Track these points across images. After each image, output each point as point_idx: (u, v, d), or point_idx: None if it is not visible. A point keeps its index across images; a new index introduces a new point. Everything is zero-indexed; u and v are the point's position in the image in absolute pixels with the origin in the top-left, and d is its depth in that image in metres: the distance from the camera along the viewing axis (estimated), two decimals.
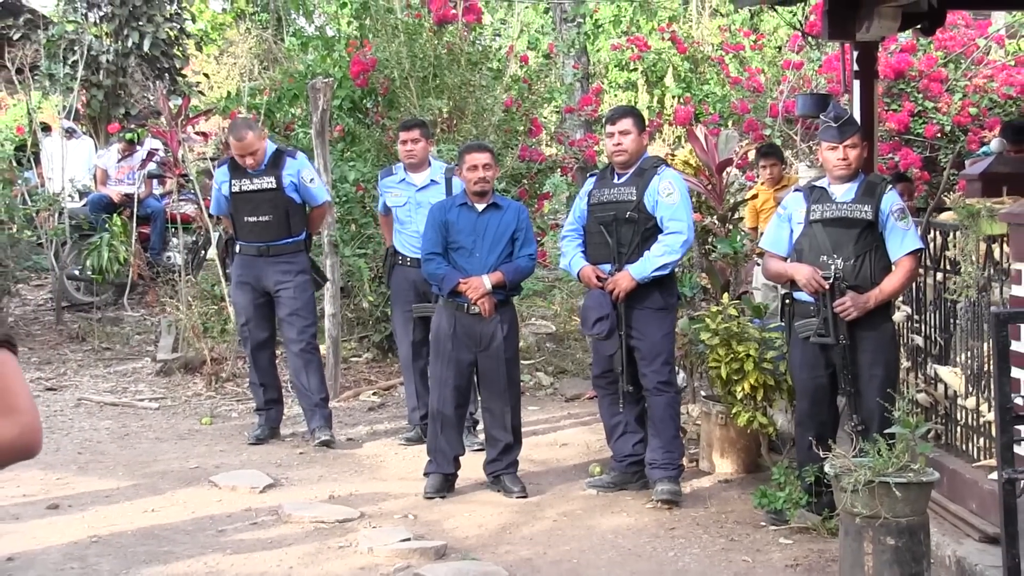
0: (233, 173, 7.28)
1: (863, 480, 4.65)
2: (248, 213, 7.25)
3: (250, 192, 7.24)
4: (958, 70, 10.79)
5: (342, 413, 8.17)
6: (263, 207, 7.22)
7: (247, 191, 7.24)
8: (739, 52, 11.75)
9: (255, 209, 7.23)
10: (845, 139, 5.57)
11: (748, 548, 5.52)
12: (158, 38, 13.44)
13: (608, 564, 5.31)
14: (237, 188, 7.25)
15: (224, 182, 7.33)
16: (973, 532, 5.25)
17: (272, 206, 7.23)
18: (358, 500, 6.22)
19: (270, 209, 7.22)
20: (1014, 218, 5.22)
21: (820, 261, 5.58)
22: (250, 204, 7.24)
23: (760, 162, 8.61)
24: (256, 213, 7.23)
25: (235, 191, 7.26)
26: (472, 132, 9.44)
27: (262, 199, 7.23)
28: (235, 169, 7.28)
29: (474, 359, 6.34)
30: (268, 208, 7.22)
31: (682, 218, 6.12)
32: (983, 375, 5.49)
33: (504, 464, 6.39)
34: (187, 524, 5.77)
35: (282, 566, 5.24)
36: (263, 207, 7.22)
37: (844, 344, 5.54)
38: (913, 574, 4.66)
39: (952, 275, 5.85)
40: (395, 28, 9.95)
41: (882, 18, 6.36)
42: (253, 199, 7.24)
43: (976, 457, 5.64)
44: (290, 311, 7.31)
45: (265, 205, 7.23)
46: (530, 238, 6.46)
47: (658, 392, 6.18)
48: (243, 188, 7.24)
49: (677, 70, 12.46)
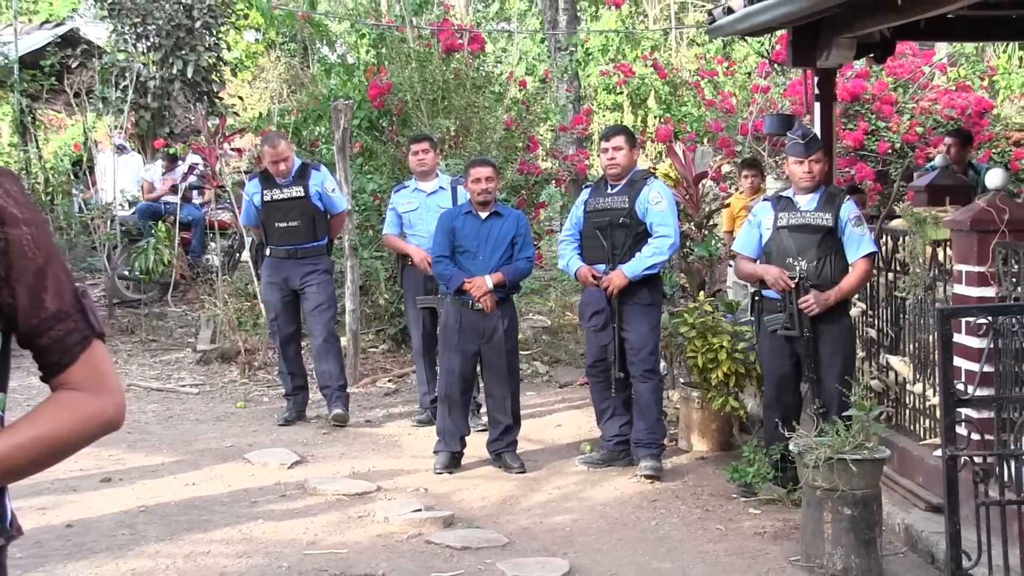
0: (264, 184, 7.29)
1: (823, 457, 4.65)
2: (279, 219, 7.26)
3: (280, 200, 7.25)
4: (906, 94, 10.79)
5: (361, 398, 8.16)
6: (292, 214, 7.24)
7: (278, 200, 7.26)
8: (713, 78, 11.73)
9: (285, 216, 7.24)
10: (810, 154, 5.57)
11: (721, 517, 5.51)
12: (199, 65, 13.42)
13: (597, 532, 5.30)
14: (269, 197, 7.26)
15: (256, 193, 7.33)
16: (920, 502, 5.26)
17: (300, 212, 7.25)
18: (375, 475, 6.22)
19: (298, 216, 7.24)
20: (956, 225, 5.22)
21: (786, 263, 5.58)
22: (280, 211, 7.25)
23: (743, 172, 8.59)
24: (286, 219, 7.24)
25: (267, 200, 7.27)
26: (476, 148, 9.43)
27: (291, 207, 7.24)
28: (266, 181, 7.29)
29: (478, 350, 6.33)
30: (297, 215, 7.24)
31: (669, 223, 6.12)
32: (929, 364, 5.50)
33: (505, 443, 6.38)
34: (224, 496, 5.77)
35: (308, 533, 5.23)
36: (292, 214, 7.24)
37: (807, 336, 5.54)
38: (867, 540, 4.66)
39: (902, 275, 5.86)
40: (408, 56, 9.94)
41: (839, 48, 6.36)
42: (283, 207, 7.25)
43: (923, 436, 5.65)
44: (314, 306, 7.32)
45: (294, 212, 7.24)
46: (528, 242, 6.45)
47: (644, 379, 6.18)
48: (274, 197, 7.26)
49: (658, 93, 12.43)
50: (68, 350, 1.63)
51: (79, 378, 1.63)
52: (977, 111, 10.67)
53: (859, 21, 5.92)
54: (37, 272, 1.61)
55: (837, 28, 6.21)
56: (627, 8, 16.24)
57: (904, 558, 4.93)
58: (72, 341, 1.63)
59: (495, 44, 15.19)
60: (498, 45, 15.18)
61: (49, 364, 1.64)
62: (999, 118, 11.46)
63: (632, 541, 5.17)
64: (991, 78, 14.58)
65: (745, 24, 6.38)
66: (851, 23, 6.02)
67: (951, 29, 7.06)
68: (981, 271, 5.04)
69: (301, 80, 15.37)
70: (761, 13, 6.03)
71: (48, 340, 1.62)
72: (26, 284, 1.60)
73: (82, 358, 1.64)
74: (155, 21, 13.22)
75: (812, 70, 6.87)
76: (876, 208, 8.33)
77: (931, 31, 6.83)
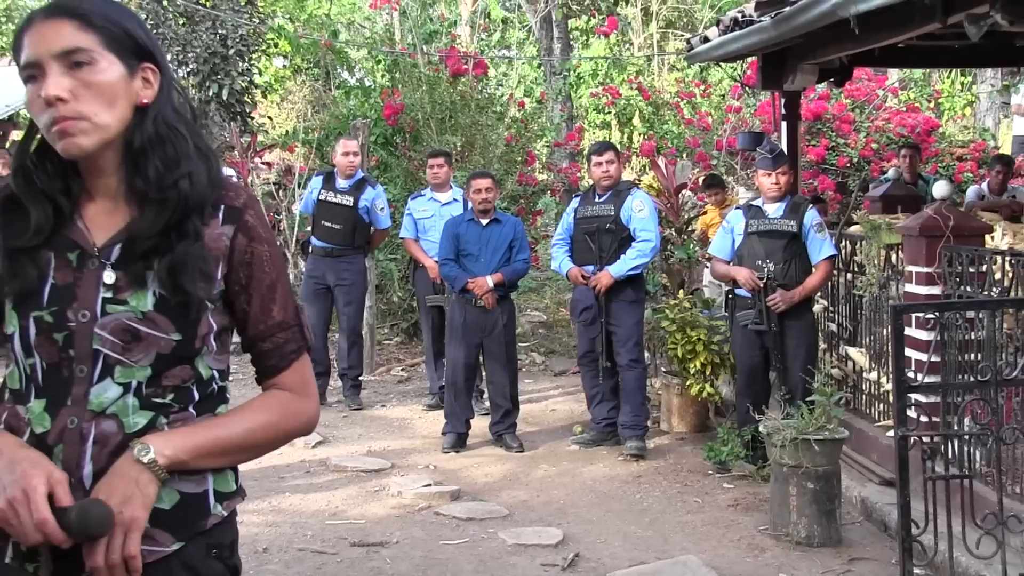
0: (325, 184, 7.33)
1: (789, 437, 4.66)
2: (326, 219, 7.29)
3: (332, 203, 7.28)
4: (863, 114, 10.78)
5: (376, 385, 8.16)
6: (338, 217, 7.26)
7: (331, 202, 7.29)
8: (691, 99, 11.69)
9: (332, 217, 7.27)
10: (777, 168, 5.57)
11: (698, 491, 5.52)
12: (233, 88, 13.43)
13: (588, 504, 5.31)
14: (324, 197, 7.29)
15: (316, 189, 7.37)
16: (874, 477, 5.26)
17: (344, 219, 7.26)
18: (390, 454, 6.22)
19: (342, 220, 7.26)
20: (907, 231, 5.23)
21: (756, 265, 5.58)
22: (330, 212, 7.28)
23: (706, 192, 8.59)
24: (332, 220, 7.27)
25: (322, 199, 7.30)
26: (480, 162, 9.42)
27: (339, 211, 7.27)
28: (327, 181, 7.33)
29: (480, 342, 6.34)
30: (341, 219, 7.26)
31: (650, 229, 6.12)
32: (883, 354, 5.50)
33: (505, 425, 6.38)
34: (255, 472, 5.77)
35: (330, 505, 5.24)
36: (338, 217, 7.26)
37: (774, 330, 5.55)
38: (828, 511, 4.67)
39: (859, 275, 5.86)
40: (419, 80, 9.93)
41: (804, 73, 6.36)
42: (332, 209, 7.28)
43: (877, 419, 5.65)
44: (346, 302, 7.36)
45: (340, 216, 7.26)
46: (525, 246, 6.46)
47: (629, 368, 6.18)
48: (328, 199, 7.29)
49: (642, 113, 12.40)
50: (285, 356, 1.68)
51: (289, 382, 1.69)
52: (925, 130, 10.68)
53: (821, 49, 5.93)
54: (270, 285, 1.65)
55: (801, 55, 6.22)
56: (615, 37, 16.21)
57: (860, 527, 4.93)
58: (289, 349, 1.69)
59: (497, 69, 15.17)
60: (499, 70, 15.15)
61: (267, 367, 1.69)
62: (944, 136, 11.48)
63: (619, 512, 5.18)
64: (937, 100, 14.58)
65: (720, 52, 6.38)
66: (814, 51, 6.03)
67: (902, 57, 7.08)
68: (929, 272, 5.05)
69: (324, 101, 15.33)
70: (734, 42, 6.03)
71: (270, 345, 1.68)
72: (260, 294, 1.65)
73: (295, 365, 1.69)
74: (193, 49, 13.23)
75: (779, 92, 6.87)
76: (836, 216, 8.33)
77: (884, 59, 6.85)
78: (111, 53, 1.56)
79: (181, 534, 1.57)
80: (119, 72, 1.56)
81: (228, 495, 1.65)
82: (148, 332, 1.55)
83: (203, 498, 1.61)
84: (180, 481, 1.57)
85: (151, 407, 1.57)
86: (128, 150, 1.58)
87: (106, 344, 1.54)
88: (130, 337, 1.55)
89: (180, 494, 1.57)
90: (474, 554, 4.56)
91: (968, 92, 16.12)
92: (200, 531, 1.60)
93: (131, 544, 1.48)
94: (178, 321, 1.57)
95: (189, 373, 1.61)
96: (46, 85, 1.52)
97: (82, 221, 1.60)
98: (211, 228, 1.60)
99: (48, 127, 1.54)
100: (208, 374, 1.65)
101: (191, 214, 1.58)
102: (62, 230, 1.59)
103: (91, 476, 1.53)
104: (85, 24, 1.54)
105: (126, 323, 1.55)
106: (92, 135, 1.54)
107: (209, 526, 1.61)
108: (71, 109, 1.52)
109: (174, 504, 1.57)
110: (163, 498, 1.55)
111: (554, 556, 4.52)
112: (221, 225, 1.61)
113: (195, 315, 1.58)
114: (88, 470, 1.53)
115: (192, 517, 1.59)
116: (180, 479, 1.57)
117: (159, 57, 1.62)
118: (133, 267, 1.56)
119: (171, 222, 1.56)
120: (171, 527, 1.56)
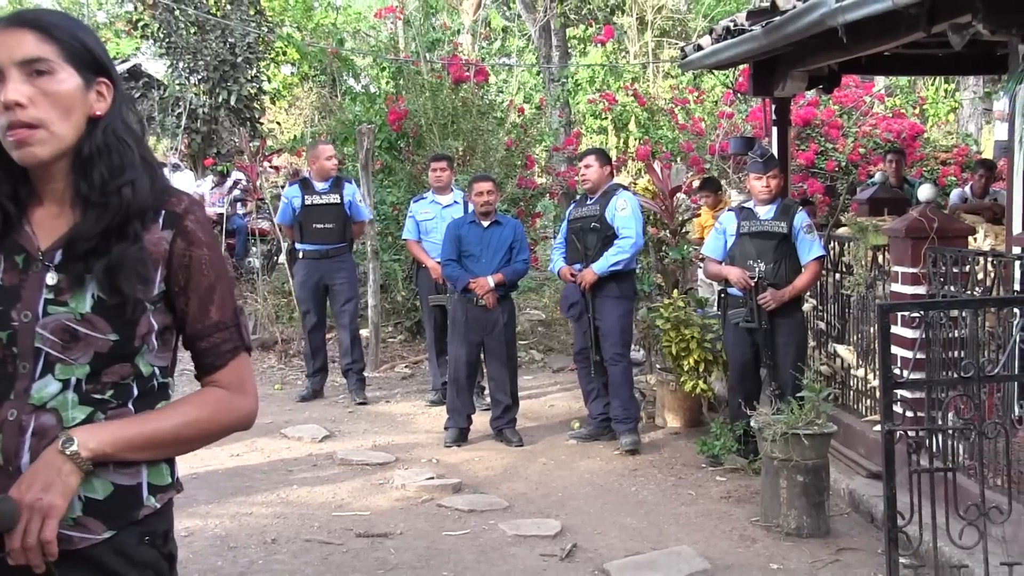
0: (304, 190, 7.36)
1: (780, 432, 4.66)
2: (316, 221, 7.31)
3: (320, 205, 7.31)
4: (850, 120, 10.78)
5: (381, 381, 8.16)
6: (327, 217, 7.29)
7: (318, 204, 7.31)
8: (685, 105, 11.69)
9: (321, 218, 7.29)
10: (768, 171, 5.57)
11: (692, 484, 5.52)
12: (242, 95, 13.42)
13: (585, 497, 5.31)
14: (309, 202, 7.32)
15: (295, 197, 7.39)
16: (861, 470, 5.26)
17: (334, 217, 7.30)
18: (394, 448, 6.22)
19: (333, 219, 7.30)
20: (893, 232, 5.23)
21: (748, 264, 5.58)
22: (319, 214, 7.31)
23: (699, 194, 8.59)
24: (322, 221, 7.30)
25: (306, 204, 7.32)
26: (481, 166, 9.42)
27: (328, 210, 7.30)
28: (305, 187, 7.36)
29: (482, 340, 6.34)
30: (331, 218, 7.30)
31: (631, 226, 6.12)
32: (870, 352, 5.50)
33: (505, 420, 6.38)
34: (264, 465, 5.78)
35: (336, 498, 5.24)
36: (327, 217, 7.29)
37: (765, 328, 5.55)
38: (817, 503, 4.67)
39: (847, 275, 5.87)
40: (422, 86, 9.92)
41: (793, 80, 6.37)
42: (321, 210, 7.31)
43: (864, 414, 5.65)
44: (346, 300, 7.39)
45: (329, 216, 7.29)
46: (524, 247, 6.46)
47: (615, 362, 6.17)
48: (313, 202, 7.31)
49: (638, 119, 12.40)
50: (222, 355, 1.73)
51: (226, 380, 1.73)
52: (910, 135, 10.68)
53: (810, 57, 5.93)
54: (208, 287, 1.69)
55: (791, 63, 6.22)
56: (611, 45, 16.20)
57: (848, 518, 4.94)
58: (226, 348, 1.73)
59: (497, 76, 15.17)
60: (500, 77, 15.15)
61: (204, 364, 1.74)
62: (929, 141, 11.49)
63: (615, 504, 5.18)
64: (922, 107, 14.59)
65: (713, 59, 6.39)
66: (803, 59, 6.03)
67: (888, 65, 7.09)
68: (914, 272, 5.05)
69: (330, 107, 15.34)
70: (726, 50, 6.04)
71: (207, 344, 1.72)
72: (198, 295, 1.68)
73: (231, 364, 1.73)
74: (204, 57, 13.23)
75: (770, 99, 6.88)
76: (825, 218, 8.32)
77: (871, 66, 6.86)
78: (70, 65, 1.59)
79: (113, 523, 1.62)
80: (76, 83, 1.60)
81: (162, 488, 1.70)
82: (86, 332, 1.59)
83: (136, 490, 1.65)
84: (114, 473, 1.61)
85: (90, 403, 1.61)
86: (77, 157, 1.62)
87: (47, 343, 1.58)
88: (69, 337, 1.58)
89: (114, 486, 1.62)
90: (475, 545, 4.56)
91: (952, 99, 16.13)
92: (133, 520, 1.64)
93: (47, 530, 1.52)
94: (115, 322, 1.60)
95: (129, 370, 1.65)
96: (6, 90, 1.55)
97: (29, 225, 1.63)
98: (151, 233, 1.64)
99: (3, 131, 1.56)
100: (149, 371, 1.68)
101: (132, 219, 1.61)
102: (11, 234, 1.62)
103: (28, 466, 1.57)
104: (47, 36, 1.58)
105: (65, 324, 1.58)
106: (48, 145, 1.58)
107: (142, 516, 1.65)
108: (28, 115, 1.55)
109: (108, 495, 1.61)
110: (97, 489, 1.60)
111: (553, 547, 4.52)
112: (161, 230, 1.65)
113: (132, 316, 1.61)
114: (26, 460, 1.57)
115: (125, 507, 1.63)
116: (115, 471, 1.61)
117: (113, 73, 1.66)
118: (74, 268, 1.59)
119: (112, 225, 1.60)
120: (104, 516, 1.61)
